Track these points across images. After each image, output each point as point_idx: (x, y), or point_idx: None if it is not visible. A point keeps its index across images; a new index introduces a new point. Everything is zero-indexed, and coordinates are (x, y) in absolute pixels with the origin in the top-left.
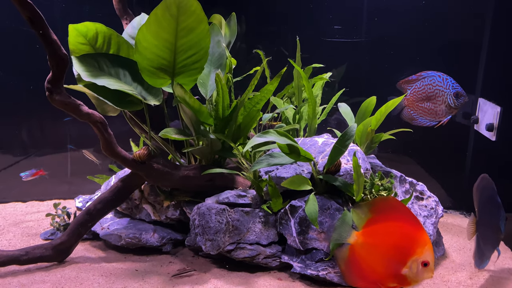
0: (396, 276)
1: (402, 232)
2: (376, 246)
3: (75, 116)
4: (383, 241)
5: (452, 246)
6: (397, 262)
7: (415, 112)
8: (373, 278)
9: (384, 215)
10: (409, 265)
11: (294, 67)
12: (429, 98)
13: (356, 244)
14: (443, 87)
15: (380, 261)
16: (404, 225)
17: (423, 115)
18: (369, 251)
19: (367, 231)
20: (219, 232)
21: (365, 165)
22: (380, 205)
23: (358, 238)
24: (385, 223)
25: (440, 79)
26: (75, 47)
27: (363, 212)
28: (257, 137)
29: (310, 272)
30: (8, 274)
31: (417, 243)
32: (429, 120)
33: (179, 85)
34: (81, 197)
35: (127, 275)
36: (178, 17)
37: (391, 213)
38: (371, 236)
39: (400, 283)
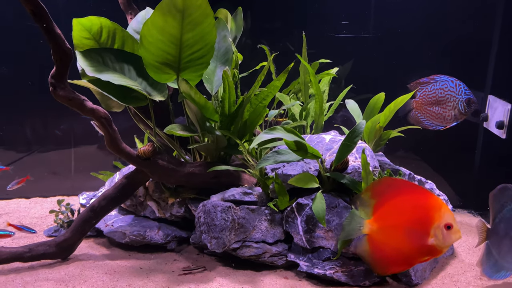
0: (424, 248)
1: (413, 204)
2: (393, 227)
3: (79, 111)
4: (398, 220)
5: (461, 246)
6: (420, 235)
7: (422, 115)
8: (402, 259)
9: (387, 195)
10: (432, 233)
11: (299, 63)
12: (438, 103)
13: (372, 232)
14: (455, 93)
15: (403, 240)
16: (412, 197)
17: (430, 119)
18: (388, 234)
19: (378, 216)
20: (225, 230)
21: (373, 162)
22: (379, 188)
23: (372, 225)
24: (392, 201)
25: (452, 84)
26: (79, 42)
27: (365, 200)
28: (264, 133)
29: (317, 271)
30: (12, 271)
31: (432, 209)
32: (435, 124)
33: (185, 80)
34: (85, 194)
35: (132, 273)
36: (184, 11)
37: (393, 191)
38: (384, 219)
39: (431, 254)
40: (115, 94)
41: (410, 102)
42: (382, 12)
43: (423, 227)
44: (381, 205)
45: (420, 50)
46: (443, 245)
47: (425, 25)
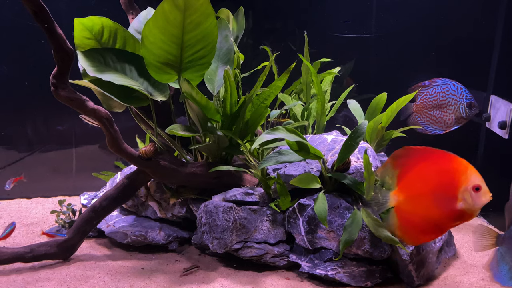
0: (454, 214)
1: (437, 170)
2: (420, 195)
3: (81, 112)
4: (424, 187)
5: (463, 246)
6: (448, 200)
7: (422, 119)
8: (433, 227)
9: (410, 164)
10: (461, 197)
11: (301, 62)
12: (439, 106)
13: (399, 203)
14: (457, 96)
15: (431, 208)
16: (436, 162)
17: (430, 123)
18: (415, 204)
19: (402, 186)
20: (226, 230)
21: (375, 163)
22: (401, 158)
23: (398, 197)
24: (416, 169)
25: (454, 87)
26: (81, 42)
27: (388, 171)
28: (265, 134)
29: (318, 271)
30: (13, 272)
31: (458, 172)
32: (435, 129)
33: (186, 80)
34: (86, 194)
35: (133, 274)
36: (185, 11)
37: (416, 158)
38: (409, 188)
39: (461, 219)
40: (116, 94)
41: (411, 105)
42: (384, 12)
43: (450, 192)
44: (405, 175)
45: (422, 50)
46: (473, 208)
47: (427, 25)
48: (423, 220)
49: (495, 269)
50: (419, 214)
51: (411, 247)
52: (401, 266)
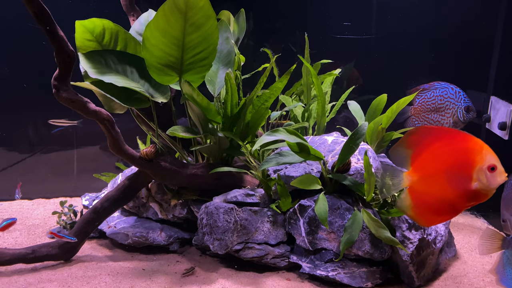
0: (469, 194)
1: (452, 149)
2: (434, 175)
3: (82, 113)
4: (438, 167)
5: (464, 247)
6: (463, 180)
7: (419, 122)
8: (447, 208)
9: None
10: (476, 177)
11: (302, 64)
12: (437, 110)
13: (412, 184)
14: (455, 100)
15: (445, 188)
16: (450, 142)
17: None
18: (429, 184)
19: (416, 166)
20: (227, 231)
21: (376, 164)
22: (414, 137)
23: (412, 177)
24: (430, 149)
25: (452, 91)
26: (82, 44)
27: (401, 151)
28: (266, 135)
29: (319, 272)
30: (15, 273)
31: (473, 152)
32: None
33: (187, 82)
34: (87, 195)
35: (134, 274)
36: (186, 13)
37: (429, 138)
38: (424, 168)
39: (476, 199)
40: (117, 96)
41: (408, 108)
42: (384, 13)
43: (465, 172)
44: (419, 155)
45: (423, 51)
46: (488, 189)
47: (427, 26)
48: (437, 200)
49: (501, 273)
50: (433, 195)
51: (411, 248)
52: (402, 267)
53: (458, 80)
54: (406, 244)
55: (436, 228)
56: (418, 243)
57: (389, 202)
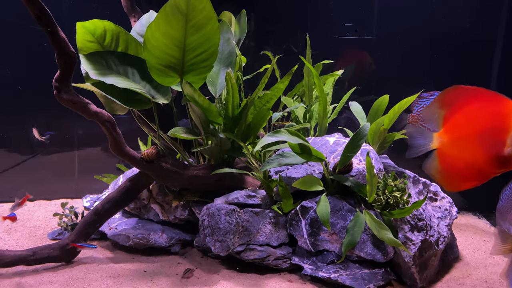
0: (500, 159)
1: (487, 112)
2: (466, 138)
3: (83, 115)
4: (471, 130)
5: (466, 248)
6: (496, 145)
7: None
8: (476, 173)
9: (458, 104)
10: (509, 143)
11: (303, 65)
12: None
13: (442, 146)
14: None
15: (476, 152)
16: (486, 104)
17: None
18: (459, 147)
19: (448, 127)
20: (229, 233)
21: (378, 165)
22: (449, 97)
23: (442, 138)
24: (464, 110)
25: None
26: (83, 45)
27: (435, 111)
28: (268, 136)
29: (321, 274)
30: (16, 275)
31: (509, 116)
32: None
33: (188, 83)
34: (88, 197)
35: (136, 276)
36: (188, 14)
37: (465, 99)
38: (455, 130)
39: (506, 166)
40: (119, 97)
41: (406, 116)
42: (385, 14)
43: (498, 136)
44: (452, 115)
45: (424, 52)
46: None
47: (429, 27)
48: (467, 164)
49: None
50: (463, 158)
51: (414, 249)
52: (404, 268)
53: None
54: (409, 246)
55: (438, 229)
56: (420, 244)
57: (391, 203)
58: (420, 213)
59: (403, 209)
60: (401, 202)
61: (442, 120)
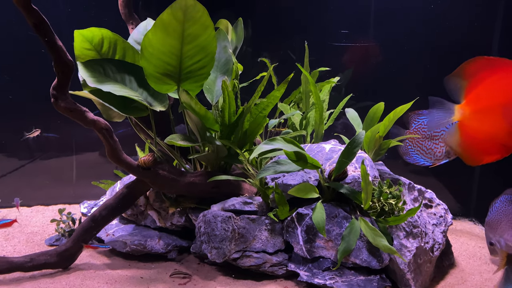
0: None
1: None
2: (488, 110)
3: (81, 122)
4: (493, 102)
5: (462, 255)
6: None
7: (412, 148)
8: (497, 147)
9: (482, 75)
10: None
11: (301, 71)
12: (432, 138)
13: (464, 118)
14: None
15: (498, 125)
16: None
17: (420, 153)
18: (482, 119)
19: (471, 99)
20: (225, 240)
21: (373, 172)
22: (472, 68)
23: (463, 110)
24: (487, 82)
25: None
26: (81, 53)
27: (457, 81)
28: (263, 144)
29: (317, 281)
30: (13, 281)
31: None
32: (424, 159)
33: (185, 91)
34: (86, 203)
35: (132, 283)
36: (184, 22)
37: (489, 70)
38: (478, 102)
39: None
40: (116, 105)
41: (404, 131)
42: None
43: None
44: (475, 87)
45: (421, 57)
46: None
47: (425, 32)
48: (489, 137)
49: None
50: (485, 131)
51: (409, 256)
52: (399, 275)
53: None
54: (404, 253)
55: (433, 236)
56: (415, 251)
57: (386, 211)
58: (415, 220)
59: (398, 216)
60: (396, 209)
61: (464, 92)
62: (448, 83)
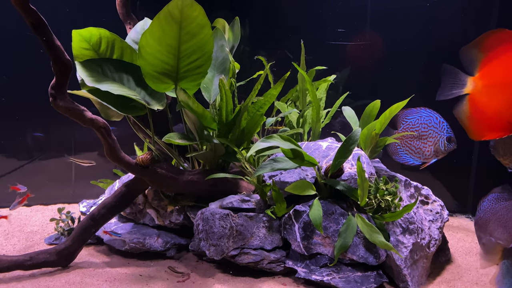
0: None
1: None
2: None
3: (79, 121)
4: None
5: (458, 251)
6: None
7: (401, 148)
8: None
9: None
10: None
11: (298, 70)
12: (420, 137)
13: (475, 91)
14: (438, 129)
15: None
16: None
17: (409, 153)
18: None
19: (485, 72)
20: (223, 237)
21: (369, 169)
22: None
23: (476, 83)
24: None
25: (436, 121)
26: (79, 53)
27: (473, 53)
28: (261, 142)
29: (314, 277)
30: (13, 280)
31: None
32: (413, 159)
33: (183, 90)
34: (85, 202)
35: (131, 280)
36: (181, 22)
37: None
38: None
39: None
40: (114, 104)
41: (392, 132)
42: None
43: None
44: (490, 61)
45: (417, 57)
46: None
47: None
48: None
49: (500, 283)
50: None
51: (405, 252)
52: (396, 271)
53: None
54: (400, 249)
55: (430, 232)
56: (412, 247)
57: (383, 207)
58: (412, 216)
59: (395, 213)
60: (393, 205)
61: (480, 64)
62: (464, 54)
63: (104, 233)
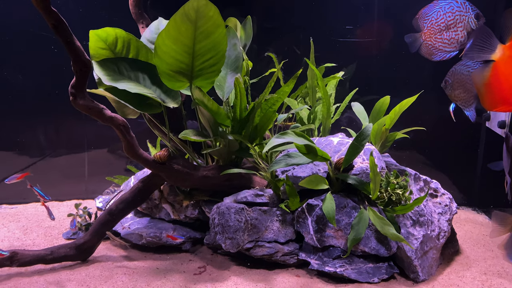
0: None
1: None
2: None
3: (99, 119)
4: None
5: (466, 242)
6: None
7: (433, 46)
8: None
9: None
10: None
11: (306, 67)
12: (448, 27)
13: (501, 60)
14: (463, 12)
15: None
16: None
17: (443, 47)
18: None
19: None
20: (238, 230)
21: (380, 164)
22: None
23: (504, 52)
24: None
25: (458, 4)
26: (96, 52)
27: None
28: (275, 138)
29: (327, 269)
30: (35, 273)
31: None
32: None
33: (198, 88)
34: (101, 198)
35: (149, 273)
36: (197, 22)
37: None
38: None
39: None
40: (130, 102)
41: (418, 36)
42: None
43: None
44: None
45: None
46: None
47: None
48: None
49: (509, 249)
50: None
51: (416, 244)
52: (407, 262)
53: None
54: (411, 240)
55: (439, 224)
56: (422, 239)
57: (393, 200)
58: (422, 209)
59: (405, 206)
60: (403, 199)
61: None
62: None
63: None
